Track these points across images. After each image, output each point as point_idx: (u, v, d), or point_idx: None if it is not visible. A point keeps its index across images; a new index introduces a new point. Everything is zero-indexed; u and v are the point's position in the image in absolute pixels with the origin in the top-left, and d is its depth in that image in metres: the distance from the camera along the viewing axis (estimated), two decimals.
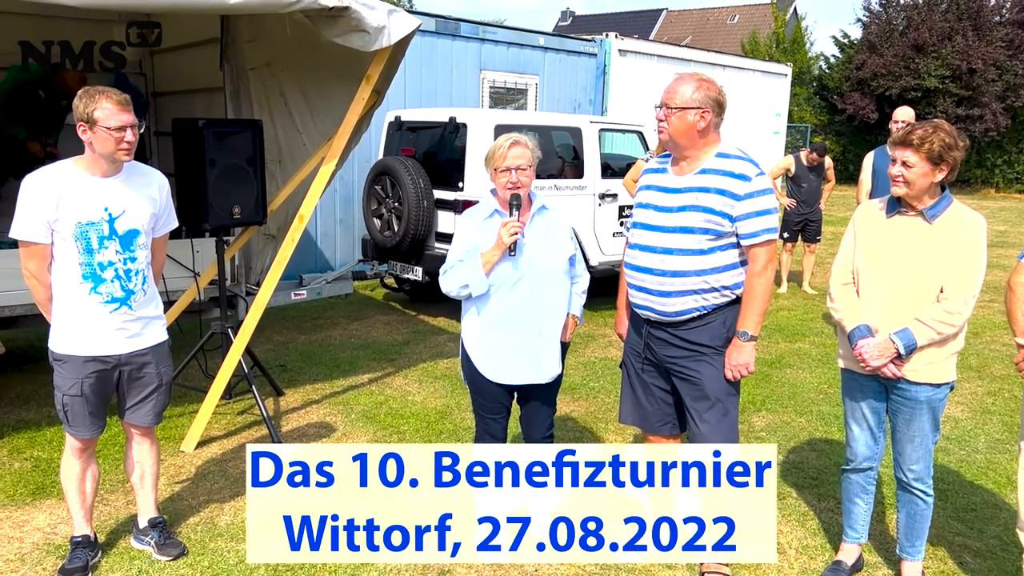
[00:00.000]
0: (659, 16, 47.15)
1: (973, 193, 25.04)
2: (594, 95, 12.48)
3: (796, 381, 6.12)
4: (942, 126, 2.95)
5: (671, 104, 3.02)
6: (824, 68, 29.44)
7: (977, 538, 3.74)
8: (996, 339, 7.50)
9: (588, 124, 8.01)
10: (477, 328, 3.33)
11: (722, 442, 3.14)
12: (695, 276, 3.04)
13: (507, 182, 3.21)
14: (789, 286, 9.73)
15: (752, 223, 3.00)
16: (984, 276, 2.95)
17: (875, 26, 26.52)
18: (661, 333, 3.20)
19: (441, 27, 10.10)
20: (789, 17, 35.09)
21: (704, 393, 3.14)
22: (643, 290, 3.16)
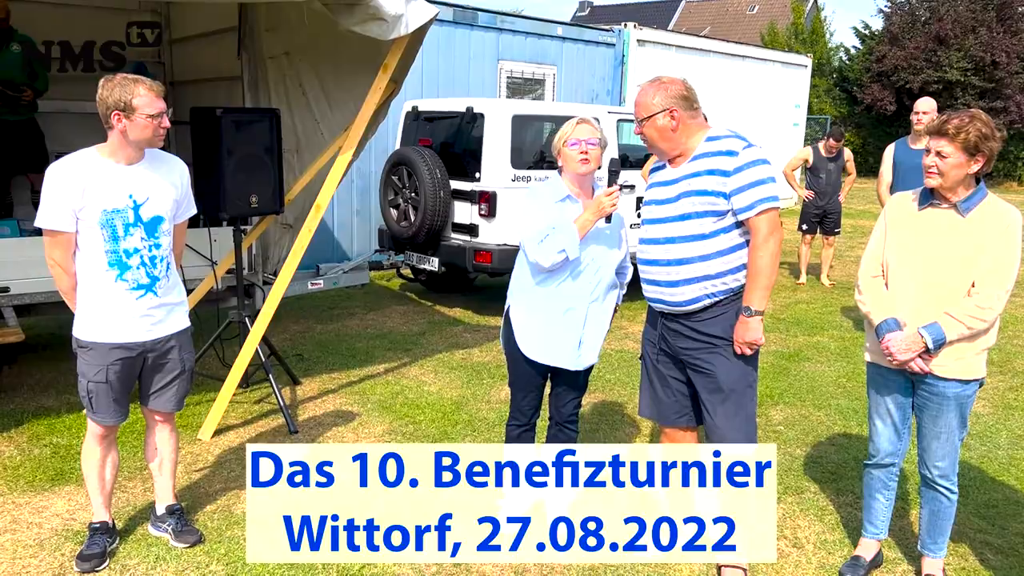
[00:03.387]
0: (678, 6, 46.78)
1: (996, 186, 24.72)
2: (612, 86, 12.40)
3: (815, 375, 6.07)
4: (979, 115, 2.87)
5: (640, 118, 3.09)
6: (844, 59, 29.17)
7: (999, 535, 3.69)
8: (1019, 334, 7.40)
9: (606, 115, 7.96)
10: (526, 307, 3.44)
11: (737, 435, 3.12)
12: (700, 262, 3.02)
13: (577, 153, 3.26)
14: (808, 278, 9.65)
15: (746, 196, 2.93)
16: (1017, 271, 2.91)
17: (897, 17, 26.21)
18: (675, 325, 3.19)
19: (459, 16, 10.06)
20: (809, 8, 34.75)
21: (718, 385, 3.12)
22: (653, 282, 3.17)
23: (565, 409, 3.63)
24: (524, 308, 3.45)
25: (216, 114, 4.61)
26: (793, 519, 3.82)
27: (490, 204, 7.02)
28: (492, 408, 5.12)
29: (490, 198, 7.03)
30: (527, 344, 3.44)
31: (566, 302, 3.37)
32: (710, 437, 3.22)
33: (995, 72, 23.74)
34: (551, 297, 3.38)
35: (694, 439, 3.45)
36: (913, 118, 6.23)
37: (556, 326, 3.39)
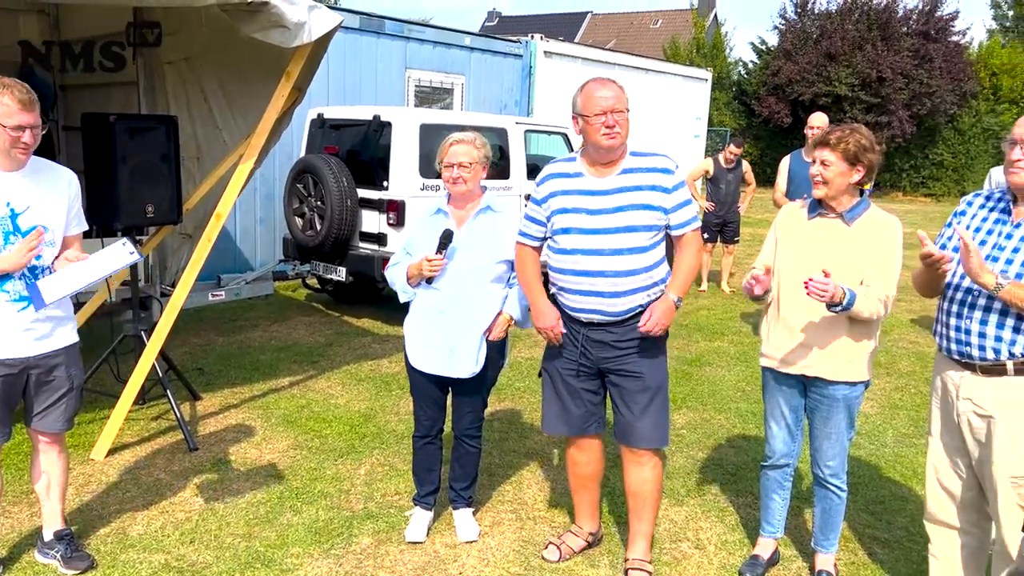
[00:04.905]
0: (584, 19, 47.65)
1: (882, 196, 26.09)
2: (520, 96, 12.53)
3: (715, 379, 6.26)
4: (859, 128, 3.08)
5: (624, 108, 3.06)
6: (743, 73, 30.27)
7: (885, 529, 3.89)
8: (904, 337, 7.83)
9: (514, 125, 8.04)
10: (409, 317, 3.58)
11: (658, 433, 3.28)
12: (644, 273, 3.13)
13: (448, 177, 3.38)
14: (709, 286, 9.95)
15: (683, 213, 3.14)
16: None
17: (791, 34, 27.39)
18: (600, 335, 3.22)
19: (365, 24, 9.98)
20: (709, 23, 35.94)
21: (646, 385, 3.23)
22: (592, 293, 3.15)
23: (463, 422, 3.63)
24: (409, 315, 3.57)
25: (109, 120, 4.44)
26: (695, 521, 3.93)
27: (398, 213, 6.98)
28: (401, 420, 5.08)
29: (398, 207, 6.99)
30: (410, 351, 3.54)
31: (436, 307, 3.45)
32: (628, 438, 3.29)
33: (881, 88, 25.05)
34: (423, 302, 3.50)
35: (600, 446, 3.52)
36: (807, 132, 6.53)
37: (428, 332, 3.47)
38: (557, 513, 3.94)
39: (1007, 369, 2.67)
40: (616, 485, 4.04)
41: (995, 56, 28.18)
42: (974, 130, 26.52)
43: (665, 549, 3.65)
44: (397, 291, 3.55)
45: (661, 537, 3.75)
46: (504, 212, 3.51)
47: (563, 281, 3.22)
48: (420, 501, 3.72)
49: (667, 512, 3.99)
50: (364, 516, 3.84)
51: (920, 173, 27.09)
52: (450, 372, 3.47)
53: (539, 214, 3.25)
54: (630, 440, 3.30)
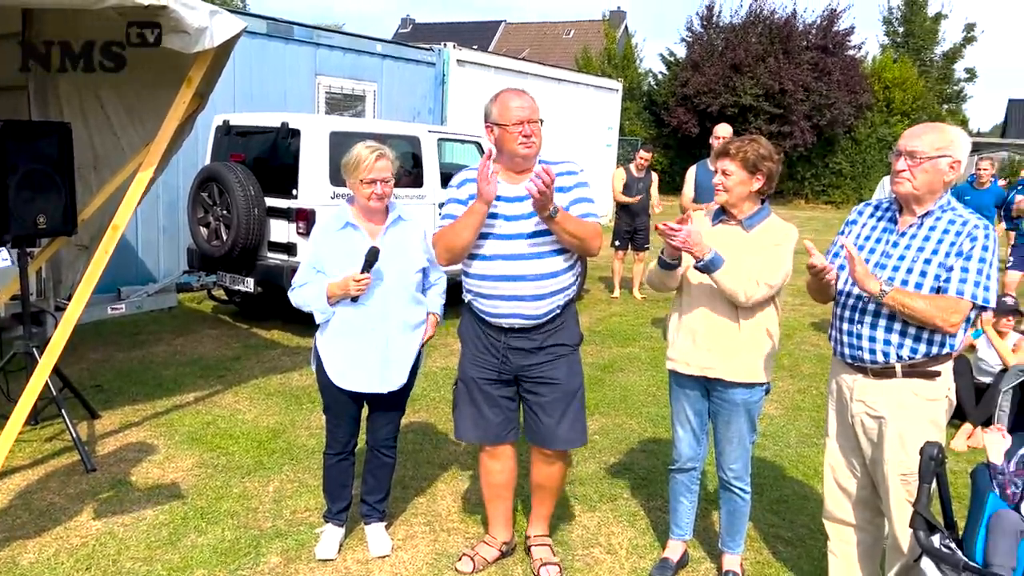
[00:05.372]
0: (498, 28, 47.93)
1: (785, 204, 27.10)
2: (433, 104, 12.49)
3: (627, 384, 6.36)
4: (759, 139, 3.20)
5: (540, 119, 3.15)
6: (652, 84, 30.98)
7: (788, 528, 4.02)
8: (806, 340, 8.12)
9: (427, 133, 8.00)
10: (328, 334, 3.42)
11: (576, 436, 3.35)
12: (562, 275, 3.20)
13: (371, 193, 3.29)
14: (621, 293, 10.12)
15: (578, 208, 3.19)
16: (790, 280, 3.21)
17: (698, 46, 28.21)
18: (520, 341, 3.24)
19: (272, 30, 9.77)
20: (620, 34, 36.66)
21: (564, 391, 3.28)
22: (514, 298, 3.17)
23: (380, 433, 3.59)
24: (328, 333, 3.42)
25: None
26: (607, 526, 3.97)
27: (308, 222, 6.84)
28: (313, 434, 4.97)
29: (308, 216, 6.86)
30: (333, 370, 3.41)
31: (366, 324, 3.36)
32: (547, 443, 3.34)
33: (783, 99, 26.03)
34: (351, 320, 3.36)
35: (514, 453, 3.53)
36: (713, 141, 6.71)
37: (359, 349, 3.37)
38: (471, 523, 3.93)
39: (896, 372, 2.80)
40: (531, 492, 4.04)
41: (888, 70, 29.70)
42: (869, 140, 27.84)
43: (578, 555, 3.68)
44: (312, 311, 3.40)
45: (574, 543, 3.78)
46: (412, 220, 3.51)
47: (482, 287, 3.22)
48: (332, 518, 3.64)
49: (579, 518, 4.03)
50: (273, 534, 3.74)
51: (821, 181, 28.25)
52: (382, 388, 3.41)
53: (462, 212, 3.24)
54: (548, 444, 3.36)
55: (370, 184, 3.27)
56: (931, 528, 2.43)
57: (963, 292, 2.67)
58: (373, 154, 3.26)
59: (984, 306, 2.70)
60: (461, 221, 3.14)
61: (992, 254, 2.70)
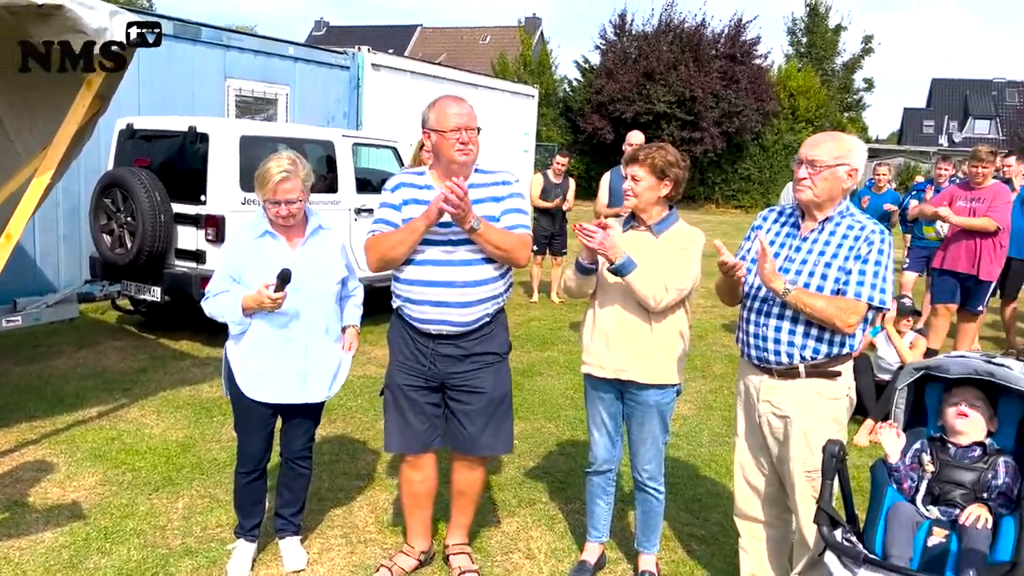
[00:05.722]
0: (414, 32, 47.74)
1: (697, 208, 27.80)
2: (348, 109, 12.32)
3: (546, 388, 6.41)
4: (665, 146, 3.28)
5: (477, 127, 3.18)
6: (568, 90, 31.36)
7: (702, 526, 4.11)
8: (717, 341, 8.34)
9: (341, 138, 7.90)
10: (243, 345, 3.32)
11: (502, 444, 3.40)
12: (491, 283, 3.21)
13: (276, 213, 3.22)
14: (539, 297, 10.19)
15: (509, 218, 3.23)
16: (702, 283, 3.31)
17: (611, 53, 28.71)
18: (448, 349, 3.23)
19: (179, 31, 9.47)
20: (536, 41, 37.01)
21: (489, 399, 3.29)
22: (442, 304, 3.16)
23: (296, 444, 3.51)
24: (243, 343, 3.33)
25: None
26: (527, 531, 3.99)
27: (218, 228, 6.66)
28: (224, 448, 4.83)
29: (218, 222, 6.67)
30: (247, 383, 3.32)
31: (284, 334, 3.29)
32: (472, 450, 3.35)
33: (694, 106, 26.73)
34: (267, 330, 3.28)
35: (435, 462, 3.51)
36: (626, 148, 6.83)
37: (276, 361, 3.30)
38: (389, 534, 3.88)
39: (800, 372, 2.90)
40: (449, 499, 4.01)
41: (792, 79, 30.83)
42: (776, 147, 28.83)
43: (497, 561, 3.68)
44: (226, 322, 3.30)
45: (493, 550, 3.78)
46: (331, 228, 3.46)
47: (412, 292, 3.21)
48: (245, 534, 3.53)
49: (499, 524, 4.03)
50: (182, 552, 3.61)
51: (731, 186, 29.11)
52: (302, 399, 3.35)
53: (395, 217, 3.22)
54: (471, 451, 3.37)
55: (275, 205, 3.20)
56: (834, 523, 2.52)
57: (860, 294, 2.79)
58: (279, 175, 3.15)
59: (880, 307, 2.83)
60: (399, 235, 3.13)
61: (887, 257, 2.83)
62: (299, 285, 3.22)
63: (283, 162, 3.19)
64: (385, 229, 3.21)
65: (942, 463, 2.74)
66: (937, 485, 2.72)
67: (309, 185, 3.28)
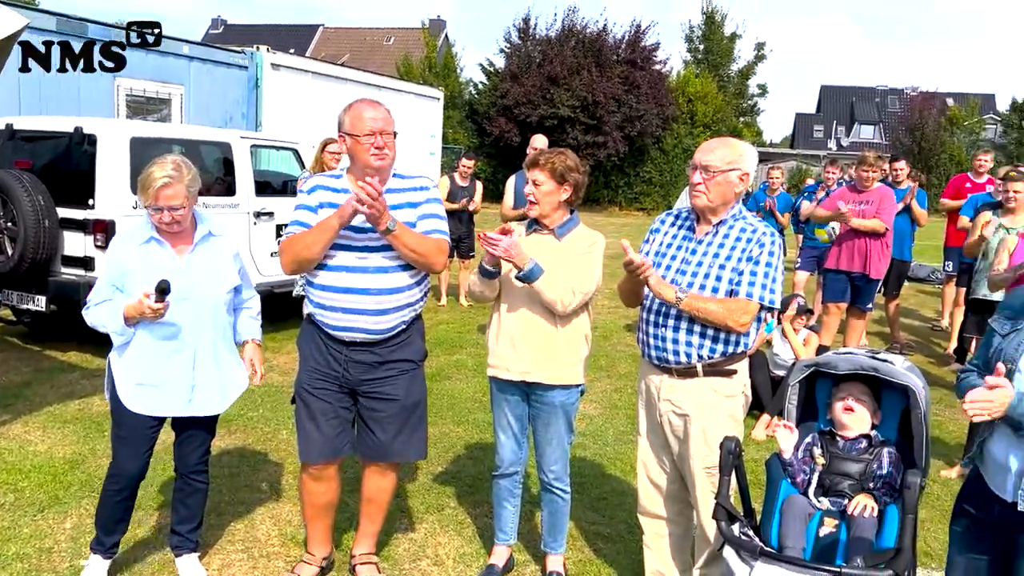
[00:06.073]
0: (316, 32, 46.90)
1: (601, 211, 28.29)
2: (247, 109, 12.00)
3: (454, 392, 6.38)
4: (566, 152, 3.32)
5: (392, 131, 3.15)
6: (473, 93, 31.41)
7: (608, 525, 4.17)
8: (622, 341, 8.49)
9: (239, 139, 7.67)
10: (126, 357, 3.18)
11: (415, 451, 3.38)
12: (407, 291, 3.17)
13: (160, 219, 3.10)
14: (448, 300, 10.15)
15: (426, 223, 3.20)
16: (606, 284, 3.34)
17: (516, 57, 28.92)
18: (363, 356, 3.19)
19: (63, 26, 9.01)
20: (441, 43, 36.93)
21: (404, 407, 3.26)
22: (356, 311, 3.11)
23: (190, 459, 3.38)
24: (126, 354, 3.19)
25: None
26: (434, 537, 3.96)
27: (107, 234, 6.35)
28: None
29: (107, 227, 6.37)
30: (129, 394, 3.19)
31: (170, 345, 3.16)
32: (383, 457, 3.32)
33: (597, 110, 27.20)
34: (153, 341, 3.15)
35: (339, 472, 3.45)
36: (530, 151, 6.88)
37: (162, 372, 3.17)
38: (293, 547, 3.78)
39: (698, 371, 2.98)
40: (356, 508, 3.94)
41: (691, 85, 31.74)
42: (676, 150, 29.62)
43: (404, 569, 3.64)
44: (108, 332, 3.16)
45: (401, 557, 3.74)
46: (223, 235, 3.35)
47: (326, 298, 3.15)
48: (104, 551, 3.34)
49: (407, 531, 4.00)
50: (70, 575, 3.43)
51: (633, 189, 29.76)
52: (188, 412, 3.23)
53: (311, 219, 3.14)
54: (383, 458, 3.35)
55: (158, 211, 3.07)
56: (731, 517, 2.60)
57: (752, 294, 2.90)
58: (161, 180, 3.02)
59: (770, 307, 2.93)
60: (313, 234, 3.07)
61: (777, 259, 2.95)
62: (186, 294, 3.11)
63: (167, 167, 3.05)
64: (300, 231, 3.15)
65: (832, 456, 2.86)
66: (828, 477, 2.84)
67: (195, 191, 3.15)
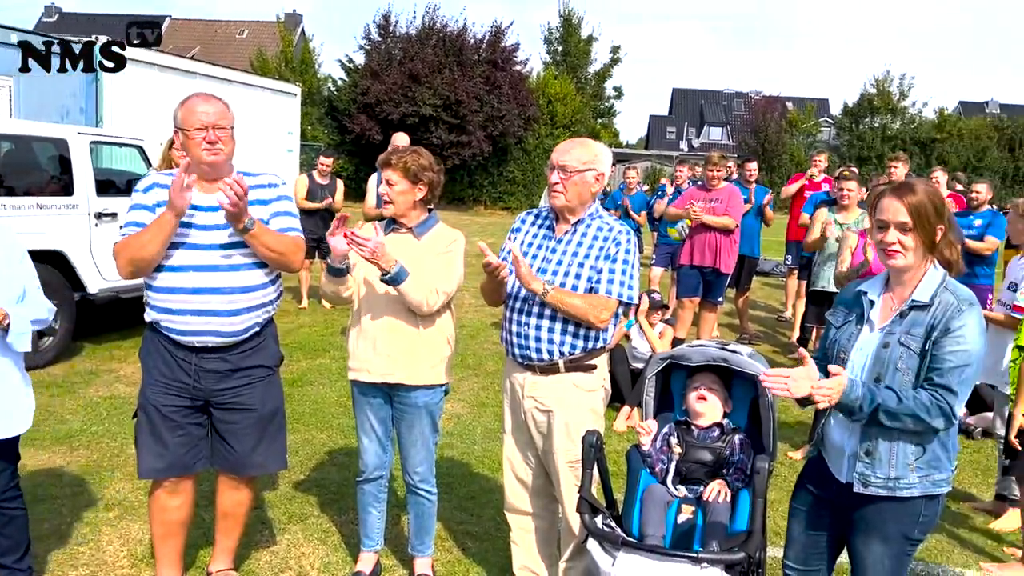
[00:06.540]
0: (163, 22, 44.60)
1: (467, 210, 28.37)
2: (86, 104, 11.23)
3: (317, 397, 6.22)
4: (419, 151, 3.30)
5: (230, 124, 3.02)
6: (332, 90, 30.76)
7: (477, 524, 4.18)
8: (489, 339, 8.54)
9: (77, 135, 7.16)
10: None
11: (277, 454, 3.25)
12: (261, 290, 3.06)
13: None
14: (309, 302, 9.89)
15: (278, 221, 3.10)
16: (468, 284, 3.36)
17: (376, 54, 28.53)
18: (215, 363, 3.03)
19: None
20: (297, 38, 35.95)
21: (260, 417, 3.14)
22: (207, 313, 2.95)
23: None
24: None
25: None
26: (298, 547, 3.85)
27: None
28: None
29: None
30: None
31: None
32: (241, 470, 3.19)
33: (460, 109, 27.23)
34: None
35: (194, 487, 3.29)
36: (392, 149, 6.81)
37: None
38: (145, 568, 3.58)
39: (560, 367, 3.03)
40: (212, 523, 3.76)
41: (550, 86, 32.31)
42: (538, 151, 30.08)
43: None
44: None
45: (262, 571, 3.61)
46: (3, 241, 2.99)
47: (171, 301, 2.96)
48: None
49: (268, 543, 3.86)
50: None
51: (497, 188, 30.01)
52: None
53: (148, 218, 2.96)
54: (240, 471, 3.21)
55: None
56: (594, 510, 2.66)
57: (611, 291, 2.98)
58: None
59: (628, 303, 3.02)
60: (148, 232, 2.89)
61: (634, 257, 3.04)
62: None
63: None
64: (136, 231, 2.96)
65: (687, 444, 2.98)
66: (684, 465, 2.95)
67: None
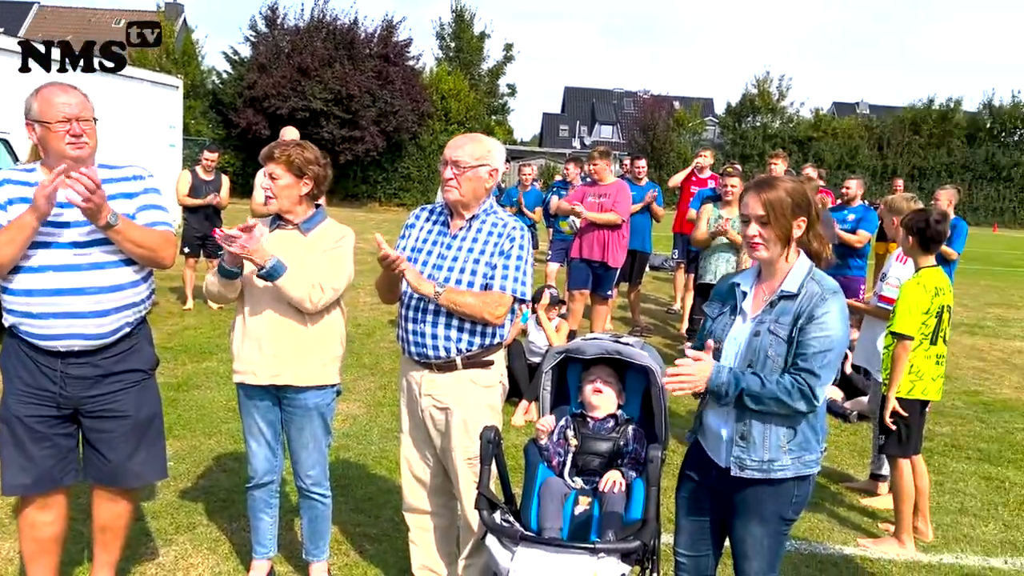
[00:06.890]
0: (30, 10, 42.07)
1: (362, 206, 27.98)
2: None
3: (204, 402, 5.99)
4: (304, 144, 3.21)
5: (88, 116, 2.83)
6: (217, 83, 29.72)
7: (374, 525, 4.11)
8: (385, 337, 8.42)
9: None
10: None
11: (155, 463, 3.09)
12: (130, 288, 2.89)
13: None
14: (195, 303, 9.51)
15: (147, 215, 2.95)
16: (363, 281, 3.27)
17: (263, 47, 27.72)
18: (82, 369, 2.85)
19: None
20: (179, 28, 34.55)
21: (136, 423, 2.97)
22: (71, 315, 2.76)
23: None
24: None
25: None
26: (186, 558, 3.69)
27: None
28: None
29: None
30: None
31: None
32: (116, 481, 3.02)
33: (351, 104, 26.78)
34: None
35: (67, 500, 3.09)
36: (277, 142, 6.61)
37: None
38: None
39: (457, 364, 3.02)
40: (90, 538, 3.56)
41: (444, 82, 32.24)
42: (433, 147, 29.96)
43: None
44: None
45: None
46: None
47: (30, 304, 2.77)
48: None
49: (154, 555, 3.69)
50: None
51: (392, 185, 29.73)
52: None
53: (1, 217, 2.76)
54: (117, 482, 3.03)
55: None
56: (492, 506, 2.66)
57: (505, 288, 2.98)
58: None
59: (522, 299, 3.03)
60: (6, 235, 2.69)
61: (528, 252, 3.05)
62: None
63: None
64: None
65: (583, 436, 3.01)
66: (580, 457, 2.98)
67: None
